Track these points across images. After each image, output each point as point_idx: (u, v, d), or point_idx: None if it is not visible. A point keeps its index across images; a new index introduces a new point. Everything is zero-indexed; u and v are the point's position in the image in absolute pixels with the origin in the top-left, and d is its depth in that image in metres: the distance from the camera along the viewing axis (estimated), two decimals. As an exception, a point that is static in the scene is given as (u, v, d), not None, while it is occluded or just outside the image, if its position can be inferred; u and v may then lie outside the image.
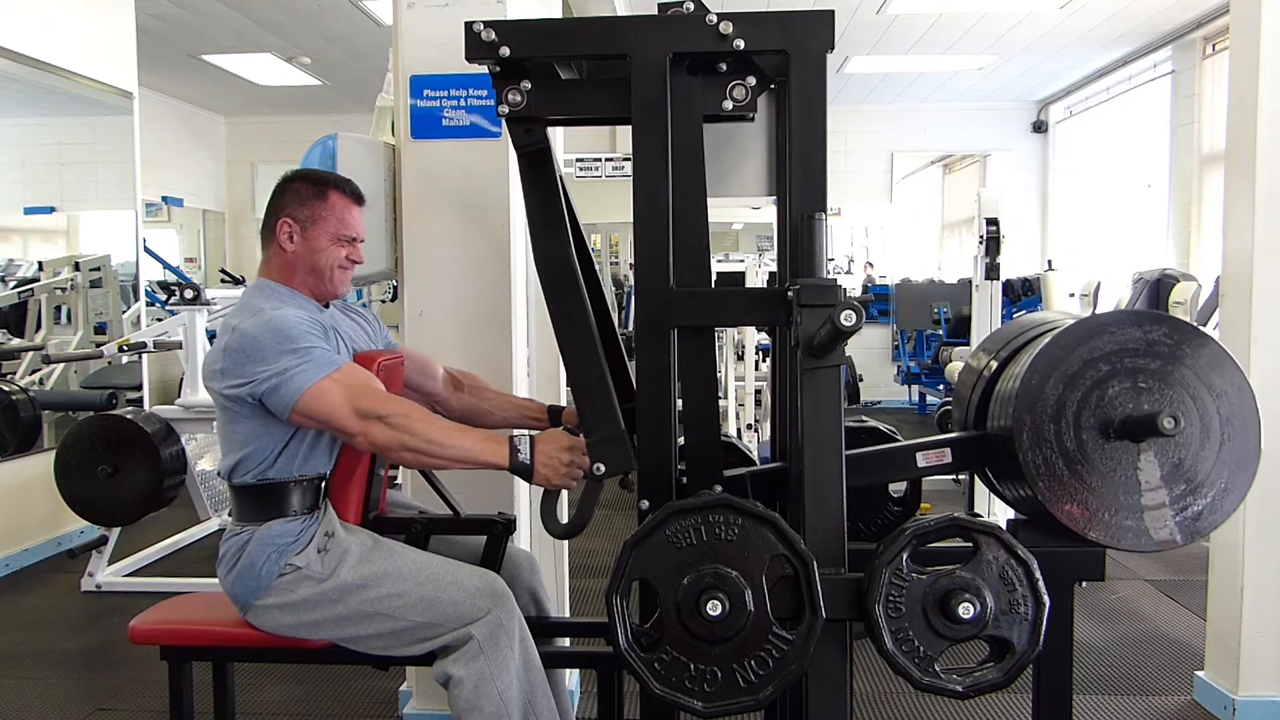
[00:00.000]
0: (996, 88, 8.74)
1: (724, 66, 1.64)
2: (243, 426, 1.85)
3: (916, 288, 8.73)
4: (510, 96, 1.65)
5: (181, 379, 4.29)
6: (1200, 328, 1.54)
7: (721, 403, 5.94)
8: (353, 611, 1.84)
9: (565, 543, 2.98)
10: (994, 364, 1.72)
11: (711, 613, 1.38)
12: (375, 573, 1.85)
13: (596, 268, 2.04)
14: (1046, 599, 1.41)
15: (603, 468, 1.64)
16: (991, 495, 4.23)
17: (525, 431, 1.81)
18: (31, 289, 5.03)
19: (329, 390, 1.76)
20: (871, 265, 10.42)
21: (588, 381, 1.64)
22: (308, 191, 1.96)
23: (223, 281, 8.07)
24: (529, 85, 1.64)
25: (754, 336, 6.04)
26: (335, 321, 2.00)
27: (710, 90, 1.65)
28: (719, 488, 1.63)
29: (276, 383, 1.76)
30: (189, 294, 4.07)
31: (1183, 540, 1.49)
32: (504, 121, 1.69)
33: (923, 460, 1.65)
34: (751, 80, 1.63)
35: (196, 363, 3.94)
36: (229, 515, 1.97)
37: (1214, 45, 6.78)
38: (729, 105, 1.64)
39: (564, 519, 2.02)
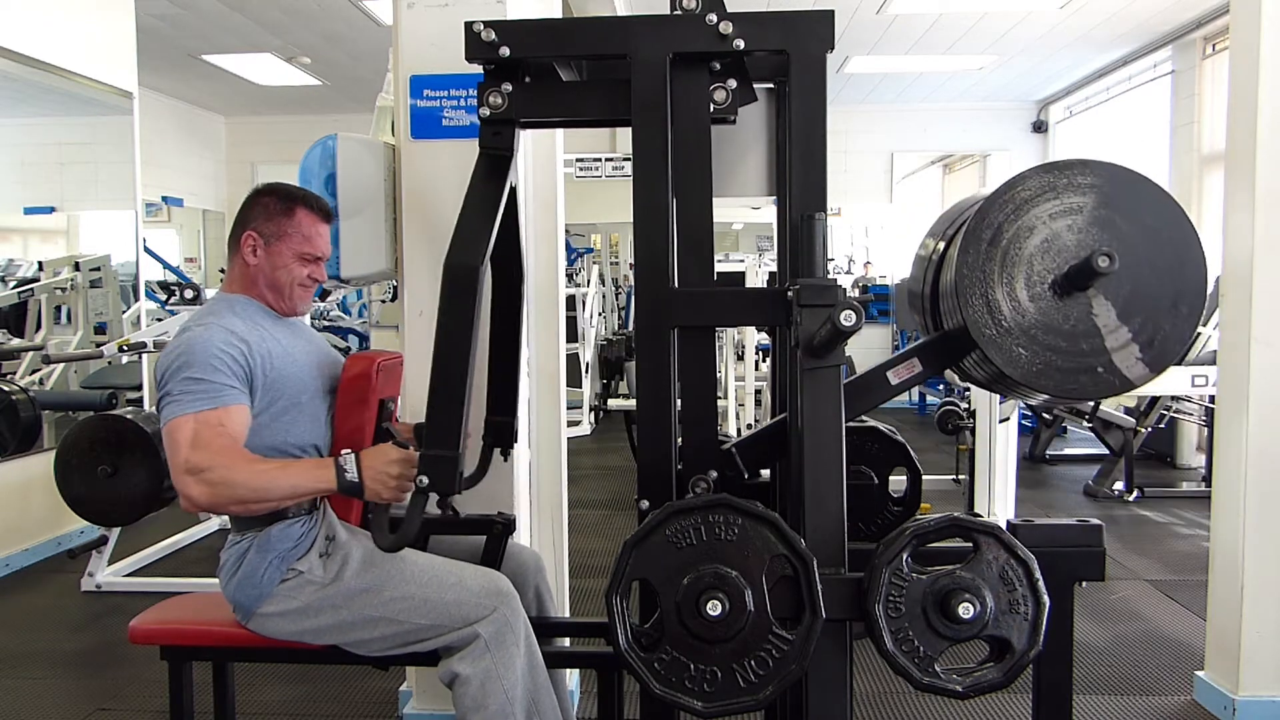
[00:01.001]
0: (996, 88, 8.75)
1: (718, 66, 1.63)
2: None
3: (916, 288, 8.72)
4: (491, 98, 1.64)
5: (181, 379, 4.28)
6: (1110, 161, 1.51)
7: (721, 403, 5.95)
8: (357, 616, 1.84)
9: (565, 543, 2.98)
10: (940, 246, 1.69)
11: (711, 613, 1.37)
12: (379, 576, 1.85)
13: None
14: (1046, 599, 1.41)
15: (425, 480, 1.62)
16: (991, 495, 4.25)
17: (351, 451, 1.79)
18: (31, 289, 5.03)
19: (181, 428, 1.74)
20: (870, 264, 10.43)
21: (442, 397, 1.62)
22: (276, 207, 1.96)
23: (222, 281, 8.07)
24: (510, 88, 1.64)
25: (754, 336, 6.04)
26: (292, 332, 1.99)
27: (714, 90, 1.64)
28: (713, 473, 1.63)
29: (163, 404, 1.78)
30: (189, 294, 4.09)
31: (1154, 370, 1.48)
32: (480, 122, 1.68)
33: (895, 378, 1.63)
34: (732, 83, 1.63)
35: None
36: (229, 520, 1.97)
37: (1214, 45, 6.78)
38: (710, 107, 1.63)
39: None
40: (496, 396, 2.08)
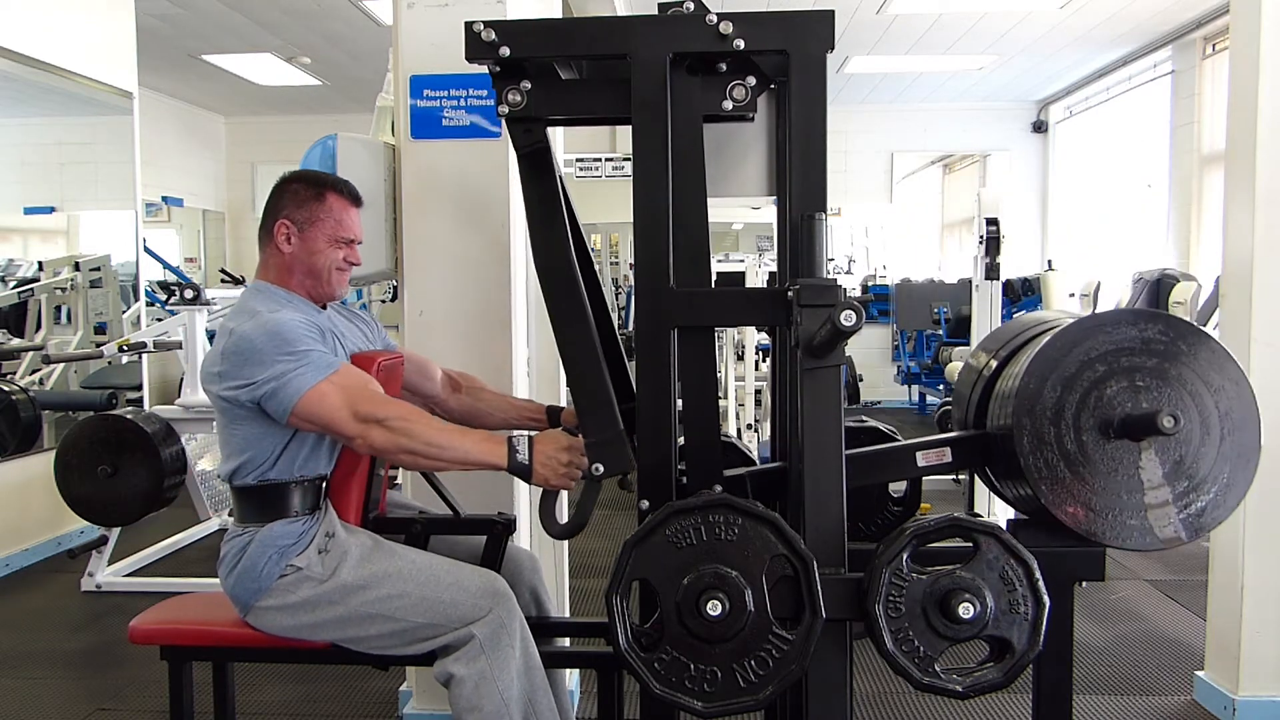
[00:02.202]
0: (996, 88, 8.74)
1: (724, 66, 1.64)
2: (241, 429, 1.85)
3: (916, 288, 8.73)
4: (510, 96, 1.65)
5: (181, 379, 4.29)
6: (1195, 325, 1.53)
7: (721, 403, 5.94)
8: (353, 612, 1.84)
9: (565, 543, 2.99)
10: (994, 363, 1.72)
11: (711, 613, 1.38)
12: (376, 573, 1.85)
13: (596, 268, 2.04)
14: (1046, 599, 1.41)
15: (601, 468, 1.64)
16: (991, 495, 4.24)
17: (524, 432, 1.81)
18: (31, 289, 5.03)
19: (327, 394, 1.76)
20: (885, 267, 10.41)
21: (586, 382, 1.64)
22: (305, 193, 1.96)
23: (223, 281, 8.07)
24: (529, 85, 1.65)
25: (754, 336, 6.04)
26: (333, 323, 2.00)
27: (710, 90, 1.65)
28: (719, 487, 1.63)
29: (274, 386, 1.76)
30: (189, 294, 4.07)
31: (1187, 537, 1.49)
32: (504, 121, 1.69)
33: (923, 460, 1.65)
34: (751, 80, 1.63)
35: (196, 363, 3.94)
36: (230, 516, 1.97)
37: (1214, 45, 6.78)
38: (729, 105, 1.64)
39: (564, 519, 2.02)
40: (616, 385, 2.07)
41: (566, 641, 2.49)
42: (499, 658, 1.80)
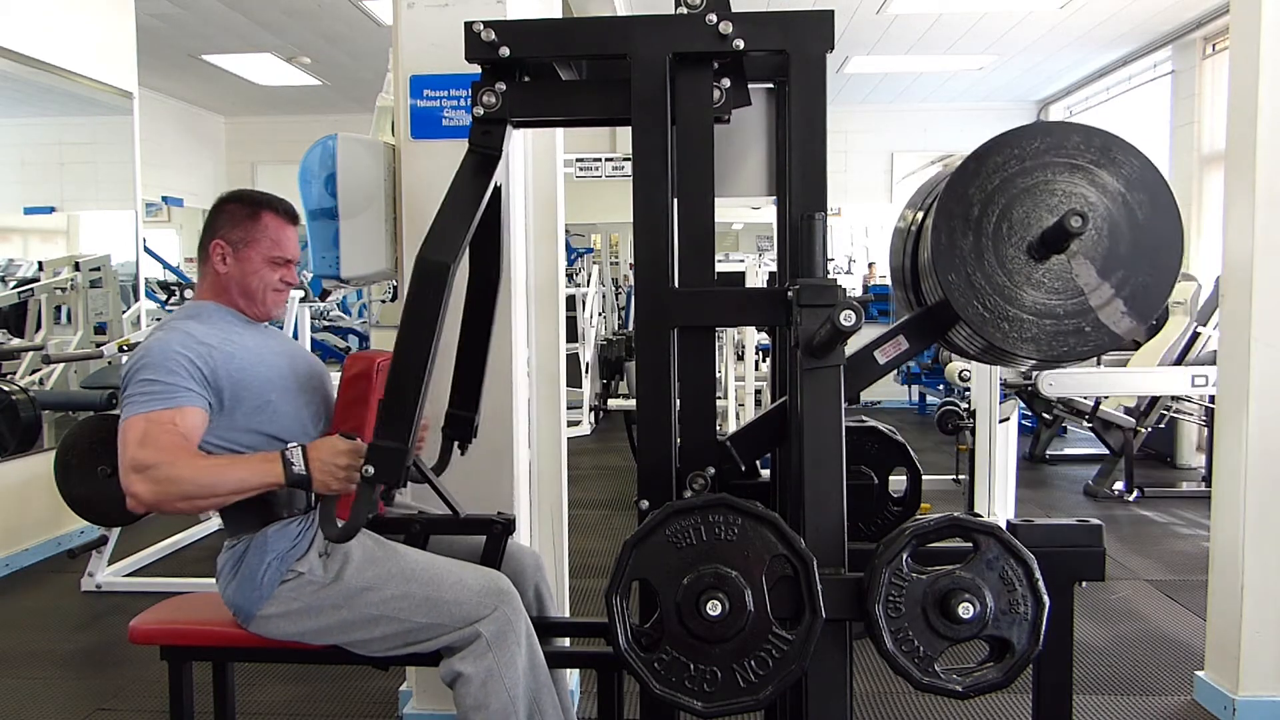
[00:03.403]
0: (996, 88, 8.75)
1: (717, 65, 1.63)
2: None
3: (916, 288, 8.71)
4: (484, 98, 1.64)
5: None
6: (1068, 121, 1.51)
7: (721, 403, 5.95)
8: (358, 615, 1.84)
9: (565, 543, 2.99)
10: (919, 216, 1.67)
11: (711, 613, 1.37)
12: (380, 574, 1.85)
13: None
14: (1046, 599, 1.41)
15: (371, 470, 1.60)
16: (991, 495, 4.25)
17: (297, 444, 1.78)
18: (31, 289, 5.03)
19: (131, 429, 1.74)
20: (873, 265, 10.41)
21: (398, 389, 1.61)
22: (241, 213, 1.97)
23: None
24: (504, 87, 1.64)
25: (754, 336, 6.04)
26: (263, 336, 2.00)
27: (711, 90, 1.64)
28: (710, 469, 1.63)
29: (122, 407, 1.78)
30: (189, 294, 4.08)
31: (1140, 321, 1.48)
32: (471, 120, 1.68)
33: (882, 356, 1.63)
34: (726, 83, 1.62)
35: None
36: (224, 525, 1.96)
37: (1214, 45, 6.78)
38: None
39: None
40: (461, 391, 2.06)
41: (566, 641, 2.49)
42: (505, 656, 1.80)
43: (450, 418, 2.04)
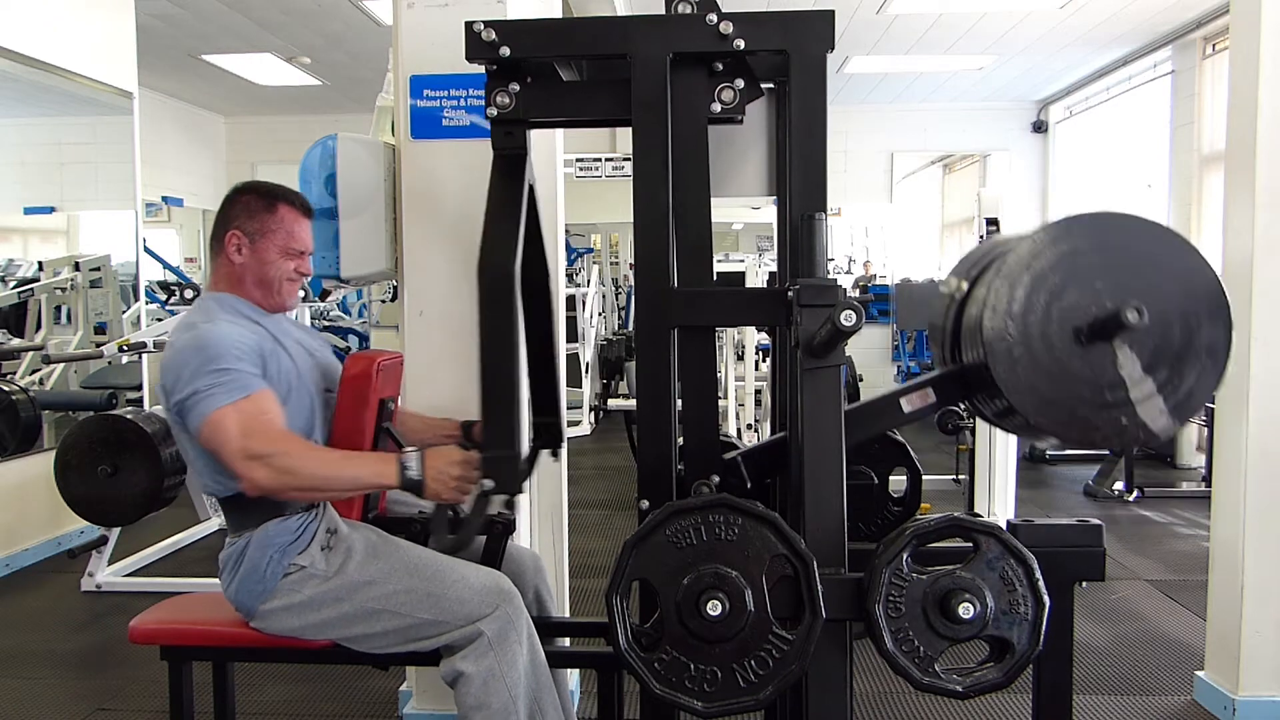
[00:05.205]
0: (996, 88, 8.74)
1: (720, 66, 1.63)
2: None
3: (916, 288, 8.72)
4: (498, 99, 1.64)
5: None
6: (1136, 215, 1.51)
7: (721, 403, 5.94)
8: (360, 609, 1.84)
9: (565, 543, 2.98)
10: (964, 285, 1.67)
11: (711, 613, 1.37)
12: (383, 569, 1.85)
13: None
14: (1046, 599, 1.41)
15: (489, 483, 1.63)
16: (991, 495, 4.25)
17: (415, 449, 1.80)
18: (31, 289, 5.03)
19: (225, 421, 1.74)
20: (869, 264, 10.42)
21: (494, 398, 1.62)
22: (257, 204, 1.97)
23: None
24: (517, 88, 1.64)
25: (754, 336, 6.04)
26: (280, 327, 2.00)
27: (712, 90, 1.64)
28: (715, 478, 1.63)
29: (191, 403, 1.77)
30: (189, 294, 4.08)
31: (1179, 422, 1.48)
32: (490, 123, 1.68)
33: (908, 405, 1.63)
34: (740, 83, 1.63)
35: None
36: (225, 522, 1.97)
37: (1214, 45, 6.77)
38: (716, 107, 1.63)
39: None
40: (539, 397, 2.07)
41: (567, 641, 2.49)
42: (506, 655, 1.80)
43: (536, 426, 2.05)
